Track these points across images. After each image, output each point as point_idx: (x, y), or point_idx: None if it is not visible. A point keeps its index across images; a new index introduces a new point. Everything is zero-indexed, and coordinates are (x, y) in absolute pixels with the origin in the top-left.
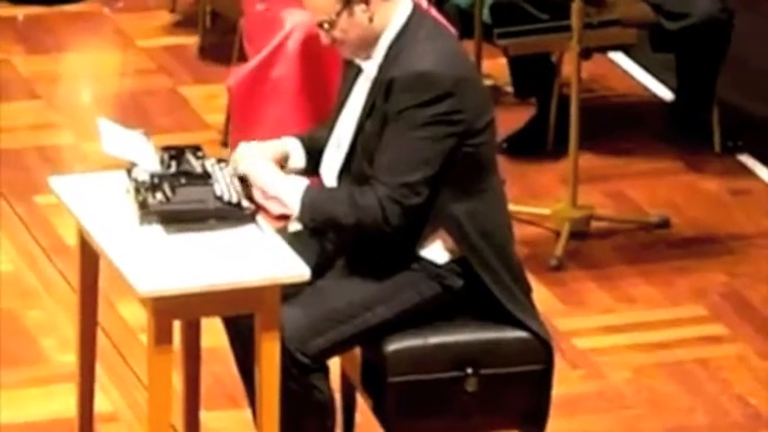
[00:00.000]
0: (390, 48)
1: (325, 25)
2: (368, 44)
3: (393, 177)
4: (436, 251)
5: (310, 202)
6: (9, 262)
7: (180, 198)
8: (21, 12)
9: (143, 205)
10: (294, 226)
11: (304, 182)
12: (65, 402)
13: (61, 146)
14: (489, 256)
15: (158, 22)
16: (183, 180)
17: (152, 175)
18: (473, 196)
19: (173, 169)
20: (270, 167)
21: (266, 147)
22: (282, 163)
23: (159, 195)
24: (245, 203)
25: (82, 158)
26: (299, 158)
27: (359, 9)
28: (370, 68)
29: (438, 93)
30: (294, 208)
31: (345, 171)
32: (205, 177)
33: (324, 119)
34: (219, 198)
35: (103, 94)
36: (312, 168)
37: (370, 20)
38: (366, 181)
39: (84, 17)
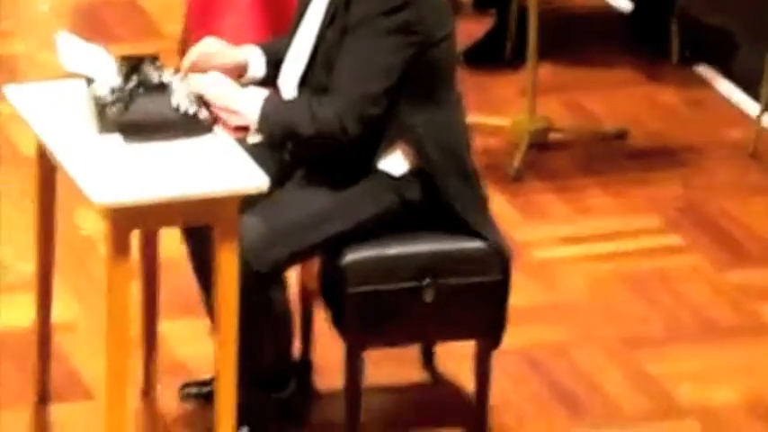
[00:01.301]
0: None
1: None
2: None
3: (352, 88)
4: (395, 163)
5: (269, 113)
6: None
7: (138, 108)
8: None
9: (101, 115)
10: (253, 138)
11: (263, 92)
12: (23, 311)
13: (16, 55)
14: (447, 168)
15: None
16: (141, 90)
17: (112, 89)
18: (432, 108)
19: (132, 81)
20: (226, 82)
21: (226, 51)
22: (241, 72)
23: (118, 106)
24: (203, 114)
25: (38, 68)
26: (258, 68)
27: None
28: None
29: (398, 3)
30: (253, 119)
31: (305, 82)
32: (163, 88)
33: (282, 29)
34: (177, 108)
35: (60, 3)
36: (271, 79)
37: None
38: (325, 92)
39: None
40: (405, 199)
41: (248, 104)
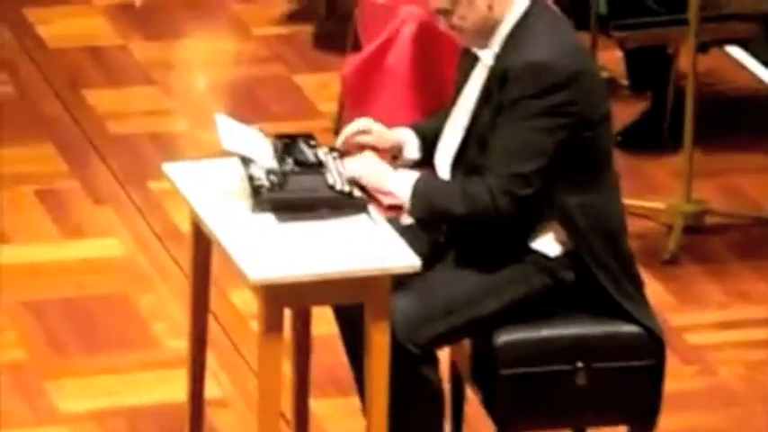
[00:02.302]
0: (508, 37)
1: (445, 11)
2: (486, 32)
3: (505, 167)
4: (548, 244)
5: (421, 194)
6: (123, 247)
7: (292, 186)
8: None
9: (256, 193)
10: (407, 220)
11: (414, 174)
12: (176, 387)
13: (176, 132)
14: (601, 250)
15: (274, 11)
16: (295, 169)
17: (267, 171)
18: (587, 189)
19: (287, 161)
20: (378, 163)
21: (383, 133)
22: (396, 153)
23: (272, 187)
24: (357, 193)
25: (196, 145)
26: (413, 149)
27: None
28: (486, 57)
29: (554, 83)
30: (405, 200)
31: (459, 160)
32: (317, 166)
33: (436, 108)
34: (331, 187)
35: (218, 82)
36: (426, 159)
37: (490, 8)
38: (479, 170)
39: (201, 4)
40: (557, 280)
41: (400, 185)
